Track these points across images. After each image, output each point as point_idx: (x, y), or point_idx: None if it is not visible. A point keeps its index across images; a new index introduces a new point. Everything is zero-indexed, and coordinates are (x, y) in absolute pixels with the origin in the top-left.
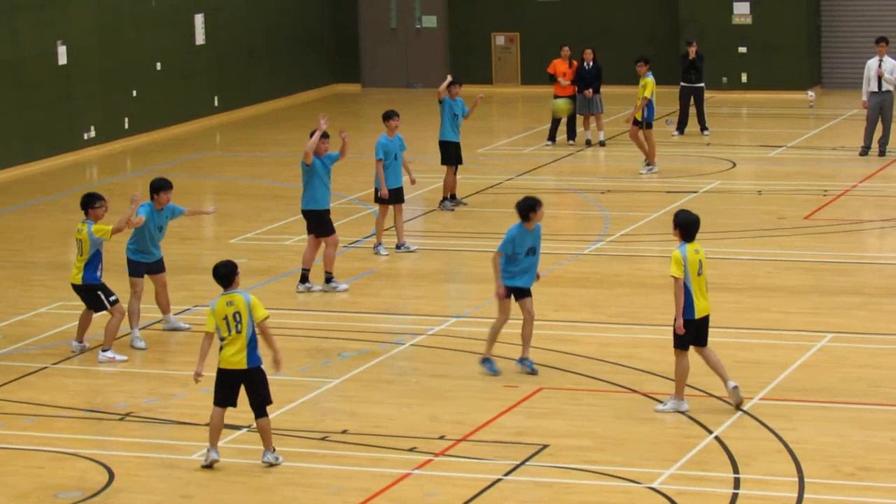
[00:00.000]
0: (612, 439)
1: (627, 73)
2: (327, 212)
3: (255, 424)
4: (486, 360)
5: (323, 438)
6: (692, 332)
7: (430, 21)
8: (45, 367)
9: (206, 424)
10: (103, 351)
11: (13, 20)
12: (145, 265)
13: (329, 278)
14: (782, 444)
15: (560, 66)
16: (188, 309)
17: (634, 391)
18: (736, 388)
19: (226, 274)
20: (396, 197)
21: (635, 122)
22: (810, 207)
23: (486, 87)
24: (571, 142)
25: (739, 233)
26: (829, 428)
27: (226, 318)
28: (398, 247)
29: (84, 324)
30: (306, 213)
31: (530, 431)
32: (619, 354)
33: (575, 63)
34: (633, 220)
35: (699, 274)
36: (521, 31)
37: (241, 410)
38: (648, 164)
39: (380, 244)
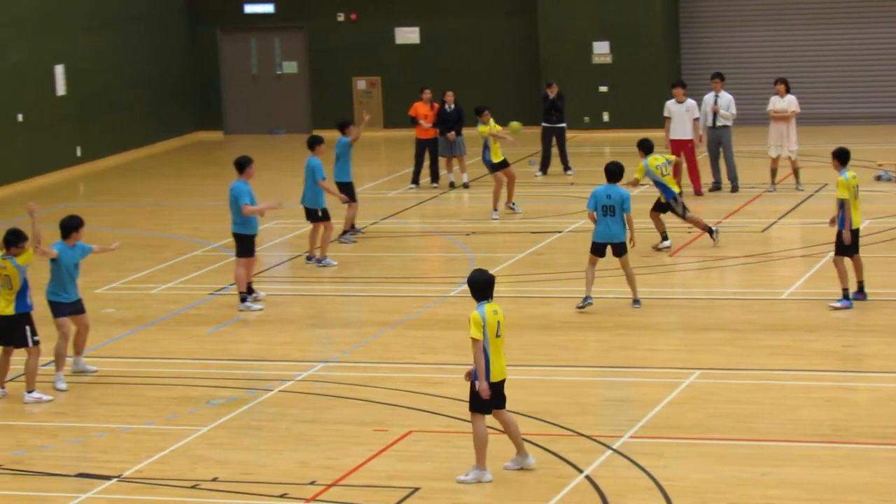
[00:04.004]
0: (482, 481)
1: (489, 114)
2: None
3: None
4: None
5: (193, 487)
6: (494, 394)
7: (290, 67)
8: None
9: (78, 475)
10: (28, 392)
11: None
12: (68, 305)
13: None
14: (653, 482)
15: (421, 109)
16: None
17: (503, 432)
18: (531, 467)
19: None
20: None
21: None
22: (676, 244)
23: None
24: (435, 185)
25: (604, 271)
26: (698, 464)
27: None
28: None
29: (3, 368)
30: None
31: (401, 475)
32: None
33: (436, 105)
34: (498, 261)
35: (497, 335)
36: (382, 74)
37: (121, 460)
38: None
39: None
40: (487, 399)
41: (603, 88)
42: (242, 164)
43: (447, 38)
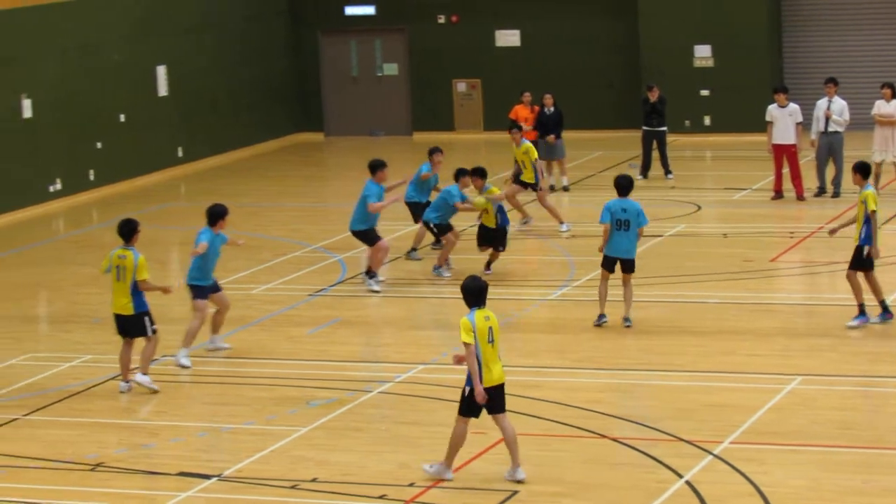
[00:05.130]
0: (581, 485)
1: (589, 117)
2: None
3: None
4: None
5: (293, 487)
6: (486, 401)
7: (391, 69)
8: (16, 419)
9: (178, 474)
10: (142, 374)
11: None
12: (208, 288)
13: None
14: (754, 488)
15: (521, 112)
16: (157, 359)
17: (603, 436)
18: (521, 480)
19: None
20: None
21: (525, 184)
22: (777, 249)
23: (448, 133)
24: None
25: (705, 276)
26: (800, 471)
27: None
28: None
29: (126, 362)
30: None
31: (499, 478)
32: (586, 399)
33: (536, 108)
34: (598, 264)
35: (489, 342)
36: (482, 77)
37: (221, 460)
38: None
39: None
40: (479, 403)
41: (704, 92)
42: (374, 167)
43: (547, 41)
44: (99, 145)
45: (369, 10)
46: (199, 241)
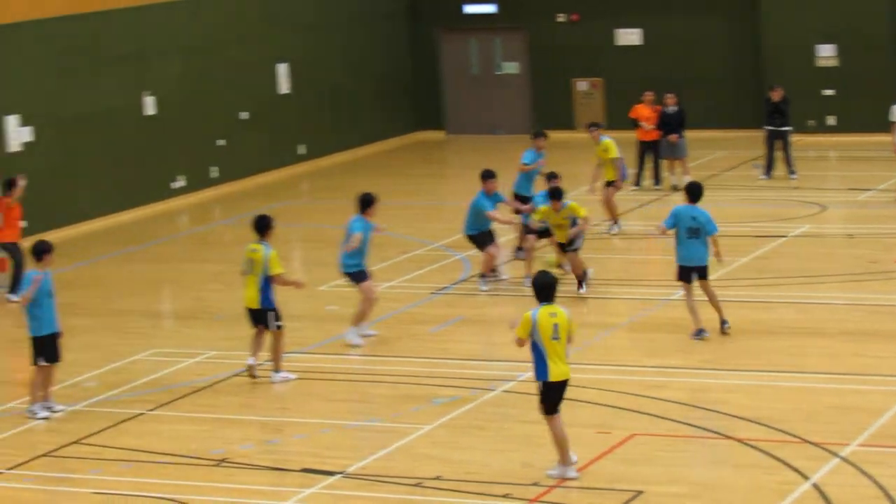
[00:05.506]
0: (707, 486)
1: (711, 116)
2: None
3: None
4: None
5: (417, 485)
6: (556, 396)
7: (511, 67)
8: (142, 414)
9: (302, 470)
10: (276, 372)
11: (101, 73)
12: (365, 273)
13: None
14: (882, 492)
15: (643, 111)
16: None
17: (728, 437)
18: (576, 476)
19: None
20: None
21: (609, 184)
22: None
23: (567, 132)
24: (658, 186)
25: (831, 277)
26: None
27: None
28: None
29: (256, 345)
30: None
31: (623, 478)
32: (710, 400)
33: (658, 108)
34: (721, 265)
35: (554, 338)
36: (602, 76)
37: (345, 457)
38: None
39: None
40: (549, 400)
41: (828, 92)
42: (483, 177)
43: (669, 40)
44: (221, 142)
45: (490, 8)
46: (353, 232)
